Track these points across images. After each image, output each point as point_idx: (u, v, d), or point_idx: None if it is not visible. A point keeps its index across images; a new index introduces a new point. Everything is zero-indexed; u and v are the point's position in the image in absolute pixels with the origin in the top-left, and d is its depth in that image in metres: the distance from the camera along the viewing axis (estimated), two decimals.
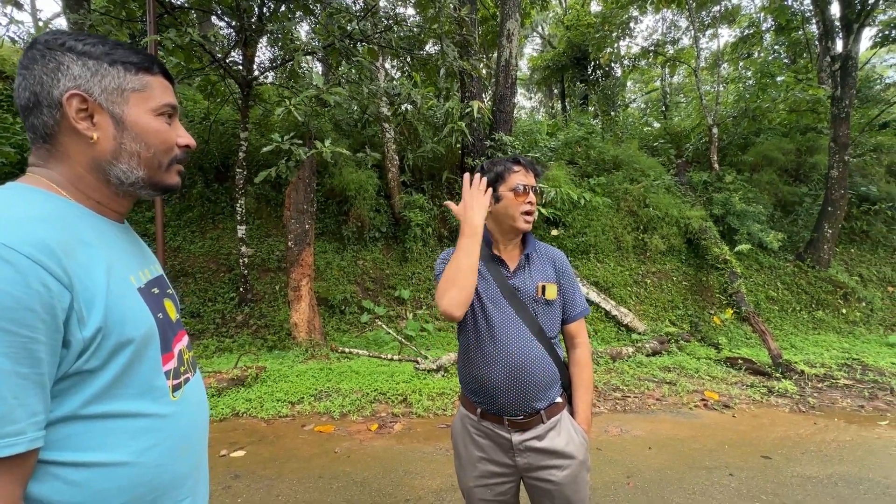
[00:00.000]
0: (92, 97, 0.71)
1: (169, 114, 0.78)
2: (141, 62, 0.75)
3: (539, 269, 1.45)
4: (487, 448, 1.41)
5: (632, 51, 13.96)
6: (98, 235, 0.71)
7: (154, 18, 4.39)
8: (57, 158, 0.72)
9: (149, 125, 0.75)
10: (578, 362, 1.46)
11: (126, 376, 0.68)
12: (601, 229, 7.22)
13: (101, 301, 0.65)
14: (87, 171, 0.73)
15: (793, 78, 9.45)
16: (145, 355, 0.71)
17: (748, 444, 3.31)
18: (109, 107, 0.72)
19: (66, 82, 0.69)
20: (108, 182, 0.75)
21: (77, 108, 0.70)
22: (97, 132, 0.71)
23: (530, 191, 1.41)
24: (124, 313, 0.68)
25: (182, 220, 6.60)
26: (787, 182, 8.72)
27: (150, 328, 0.73)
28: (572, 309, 1.48)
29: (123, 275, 0.72)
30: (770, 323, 6.64)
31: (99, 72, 0.71)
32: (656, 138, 10.48)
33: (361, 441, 3.27)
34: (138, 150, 0.75)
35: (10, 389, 0.55)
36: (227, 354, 5.10)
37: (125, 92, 0.73)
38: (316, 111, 5.29)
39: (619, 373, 4.77)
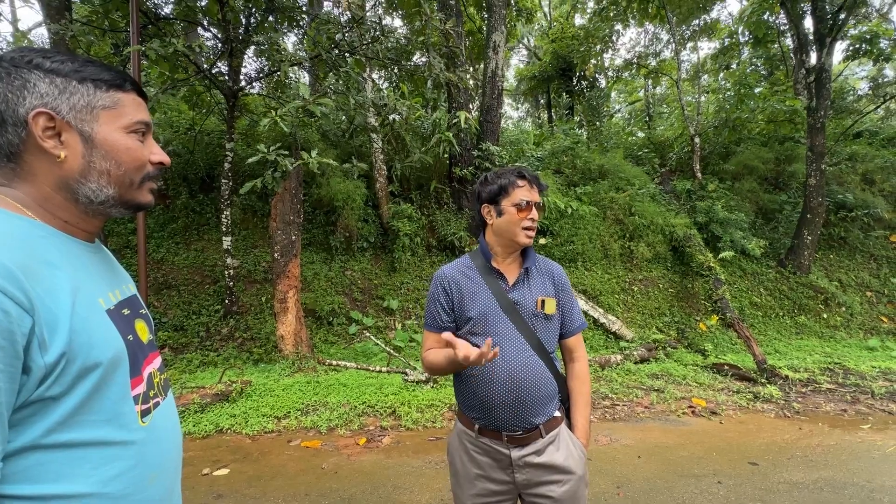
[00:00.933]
0: (59, 115, 0.69)
1: (142, 131, 0.77)
2: (112, 79, 0.74)
3: (538, 284, 1.44)
4: (486, 465, 1.39)
5: (615, 62, 14.27)
6: (64, 256, 0.69)
7: (137, 28, 4.35)
8: (22, 178, 0.70)
9: (119, 143, 0.74)
10: (577, 376, 1.46)
11: (91, 402, 0.66)
12: (588, 237, 7.29)
13: (66, 325, 0.62)
14: (55, 190, 0.71)
15: (770, 89, 9.74)
16: (112, 380, 0.69)
17: (735, 450, 3.34)
18: (78, 125, 0.70)
19: (33, 100, 0.68)
20: (76, 201, 0.73)
21: (44, 127, 0.68)
22: (64, 150, 0.70)
23: (533, 206, 1.40)
24: (91, 337, 0.66)
25: (166, 231, 6.49)
26: (768, 190, 8.93)
27: (118, 352, 0.70)
28: (571, 323, 1.48)
29: (91, 297, 0.70)
30: (754, 328, 6.74)
31: (67, 89, 0.70)
32: (640, 148, 10.67)
33: (349, 456, 3.21)
34: (108, 168, 0.73)
35: None
36: (212, 368, 4.99)
37: (95, 110, 0.72)
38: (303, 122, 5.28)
39: (608, 381, 4.79)
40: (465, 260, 1.50)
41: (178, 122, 7.41)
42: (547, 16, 16.11)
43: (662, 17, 10.60)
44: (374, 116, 6.44)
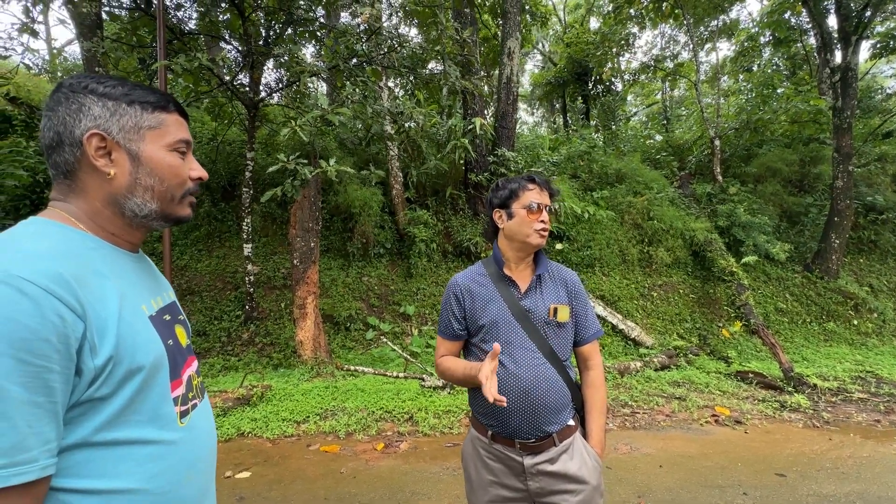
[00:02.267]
0: (110, 135, 0.74)
1: (183, 149, 0.82)
2: (157, 101, 0.79)
3: (551, 291, 1.44)
4: (499, 472, 1.39)
5: (632, 66, 14.14)
6: (111, 267, 0.74)
7: (164, 44, 4.52)
8: (76, 193, 0.76)
9: (163, 160, 0.79)
10: (592, 384, 1.45)
11: (135, 403, 0.69)
12: (605, 242, 7.21)
13: (113, 330, 0.67)
14: (104, 205, 0.77)
15: (793, 90, 9.51)
16: (154, 382, 0.73)
17: (761, 461, 3.24)
18: (126, 144, 0.76)
19: (87, 122, 0.73)
20: (122, 215, 0.78)
21: (96, 147, 0.74)
22: (114, 168, 0.75)
23: (544, 209, 1.40)
24: (135, 341, 0.70)
25: (189, 238, 6.67)
26: (792, 193, 8.69)
27: (159, 355, 0.74)
28: (585, 331, 1.46)
29: (135, 304, 0.74)
30: (780, 335, 6.54)
31: (117, 111, 0.75)
32: (658, 151, 10.52)
33: (367, 461, 3.23)
34: (152, 185, 0.78)
35: (23, 418, 0.56)
36: (233, 373, 5.09)
37: (141, 130, 0.77)
38: (321, 131, 5.39)
39: (628, 388, 4.71)
40: (478, 268, 1.51)
41: (201, 132, 7.64)
42: (562, 20, 16.10)
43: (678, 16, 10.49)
44: (391, 124, 6.53)
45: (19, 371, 0.56)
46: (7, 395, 0.55)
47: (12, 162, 5.15)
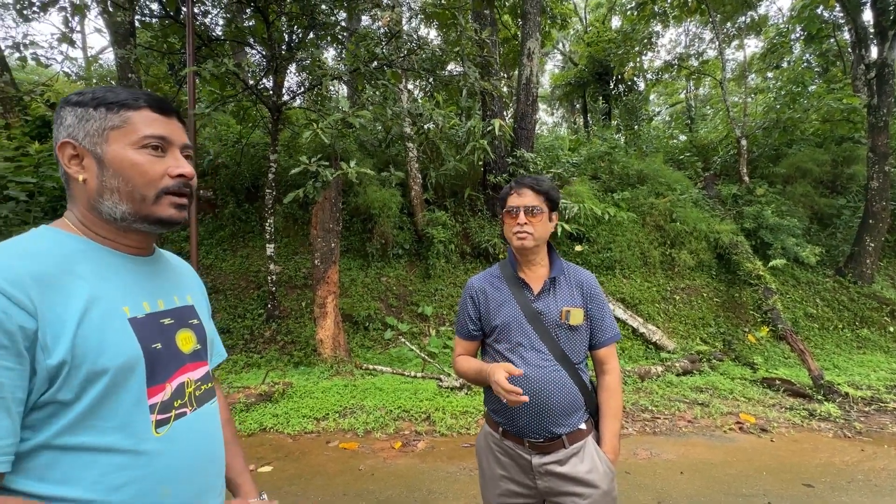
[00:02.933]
0: (78, 142, 0.75)
1: (154, 145, 0.77)
2: (123, 100, 0.76)
3: (565, 294, 1.43)
4: (509, 467, 1.42)
5: (655, 64, 13.88)
6: (94, 268, 0.73)
7: (193, 50, 4.68)
8: (71, 201, 0.79)
9: (126, 159, 0.75)
10: (607, 389, 1.43)
11: (101, 408, 0.67)
12: (626, 244, 7.10)
13: (71, 331, 0.65)
14: (87, 210, 0.77)
15: (825, 87, 9.17)
16: (124, 387, 0.70)
17: (788, 470, 3.15)
18: (92, 148, 0.75)
19: (62, 132, 0.75)
20: (102, 218, 0.77)
21: (69, 155, 0.75)
22: (84, 174, 0.75)
23: (520, 211, 1.41)
24: (101, 343, 0.68)
25: (214, 238, 6.88)
26: (824, 194, 8.38)
27: (130, 358, 0.71)
28: (601, 334, 1.45)
29: (113, 305, 0.72)
30: (810, 342, 6.32)
31: (84, 117, 0.75)
32: (682, 151, 10.29)
33: (385, 459, 3.28)
34: (117, 186, 0.75)
35: None
36: (255, 370, 5.22)
37: (105, 131, 0.75)
38: (342, 133, 5.48)
39: (648, 393, 4.63)
40: (494, 269, 1.55)
41: (226, 135, 7.86)
42: (583, 20, 15.92)
43: (703, 13, 10.25)
44: (410, 126, 6.59)
45: None
46: None
47: (51, 165, 5.41)
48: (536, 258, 1.47)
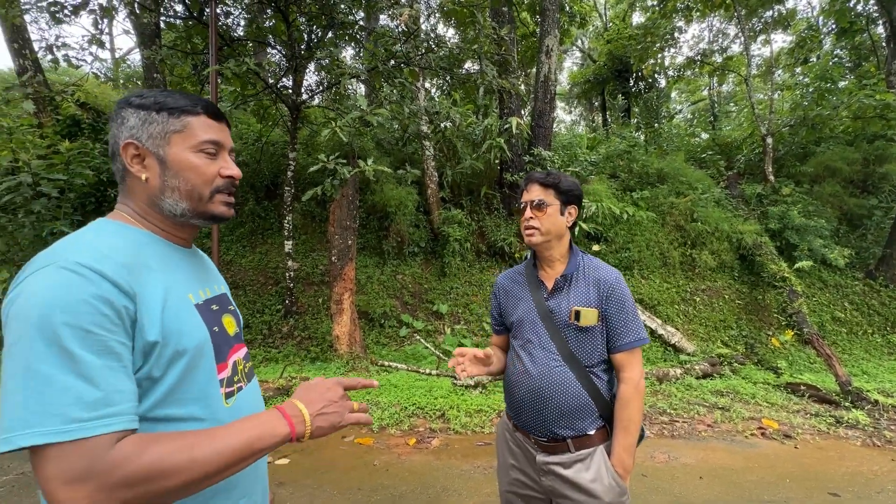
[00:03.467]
0: (141, 143, 0.81)
1: (210, 150, 0.85)
2: (184, 106, 0.84)
3: (579, 292, 1.38)
4: (519, 458, 1.45)
5: (676, 61, 13.58)
6: (159, 260, 0.81)
7: (215, 50, 4.78)
8: (127, 196, 0.85)
9: (186, 162, 0.83)
10: (619, 399, 1.34)
11: (184, 383, 0.76)
12: (645, 244, 6.98)
13: (158, 315, 0.73)
14: (148, 205, 0.85)
15: (857, 83, 8.82)
16: (199, 365, 0.79)
17: (813, 478, 3.05)
18: (154, 149, 0.82)
19: (125, 133, 0.82)
20: (163, 214, 0.85)
21: (132, 155, 0.82)
22: (146, 173, 0.83)
23: (527, 206, 1.41)
24: (180, 327, 0.76)
25: (234, 235, 7.02)
26: (854, 194, 8.08)
27: (202, 340, 0.80)
28: (617, 338, 1.35)
29: (181, 293, 0.81)
30: (837, 346, 6.11)
31: (147, 120, 0.82)
32: (704, 150, 10.05)
33: (399, 455, 3.30)
34: (178, 185, 0.83)
35: (103, 378, 0.64)
36: (273, 364, 5.31)
37: (167, 134, 0.82)
38: (359, 131, 5.52)
39: (667, 395, 4.55)
40: (520, 267, 1.56)
41: (247, 134, 8.00)
42: (602, 16, 15.68)
43: (728, 7, 9.97)
44: (427, 124, 6.60)
45: (90, 340, 0.64)
46: (84, 361, 0.62)
47: (80, 162, 5.59)
48: (554, 255, 1.44)
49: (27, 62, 6.51)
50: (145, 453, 0.63)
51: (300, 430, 0.78)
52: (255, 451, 0.72)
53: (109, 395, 0.64)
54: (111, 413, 0.63)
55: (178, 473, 0.64)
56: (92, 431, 0.61)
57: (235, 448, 0.69)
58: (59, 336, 0.62)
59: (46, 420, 0.59)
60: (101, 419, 0.62)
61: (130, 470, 0.62)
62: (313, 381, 0.88)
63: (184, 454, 0.65)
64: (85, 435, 0.60)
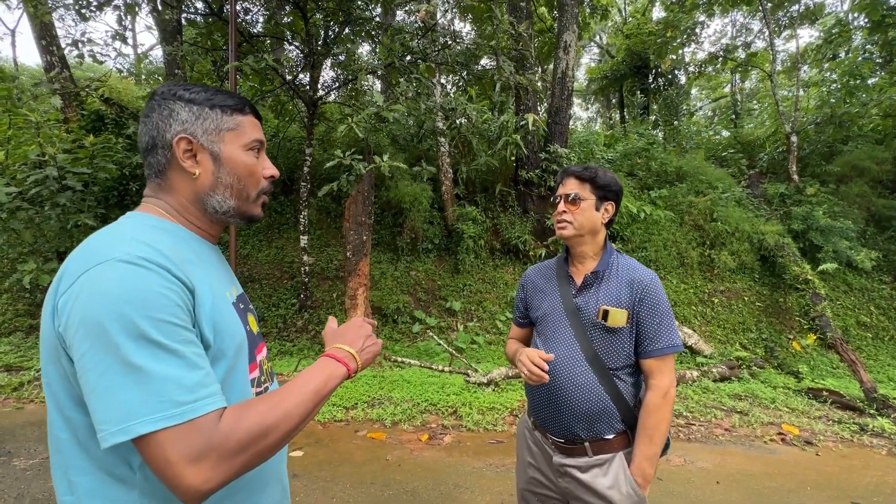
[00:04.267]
0: (195, 139, 0.80)
1: (257, 148, 0.87)
2: (235, 104, 0.84)
3: (611, 291, 1.33)
4: (537, 457, 1.44)
5: (697, 56, 13.27)
6: (198, 256, 0.81)
7: (235, 47, 4.83)
8: (166, 191, 0.83)
9: (240, 160, 0.84)
10: (645, 407, 1.28)
11: (225, 383, 0.76)
12: (662, 244, 6.86)
13: (209, 313, 0.74)
14: (190, 201, 0.84)
15: (888, 79, 8.51)
16: (238, 365, 0.79)
17: (835, 486, 2.97)
18: (209, 146, 0.82)
19: (176, 126, 0.80)
20: (205, 211, 0.85)
21: (184, 149, 0.80)
22: (199, 168, 0.82)
23: (560, 200, 1.40)
24: (224, 325, 0.76)
25: (251, 229, 7.11)
26: (883, 194, 7.80)
27: (242, 339, 0.80)
28: (649, 343, 1.29)
29: (221, 291, 0.81)
30: (862, 352, 5.93)
31: (201, 115, 0.81)
32: (725, 148, 9.82)
33: (412, 451, 3.31)
34: (231, 183, 0.84)
35: (195, 364, 0.66)
36: (288, 357, 5.38)
37: (221, 132, 0.82)
38: (375, 128, 5.53)
39: (683, 398, 4.47)
40: (550, 262, 1.53)
41: (264, 129, 8.07)
42: (622, 11, 15.41)
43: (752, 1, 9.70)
44: (442, 121, 6.58)
45: (171, 330, 0.65)
46: (173, 349, 0.64)
47: (104, 157, 5.73)
48: (586, 251, 1.39)
49: (54, 59, 6.69)
50: (246, 419, 0.66)
51: (354, 367, 0.85)
52: (326, 393, 0.77)
53: (204, 378, 0.66)
54: (210, 393, 0.66)
55: (277, 428, 0.68)
56: (201, 411, 0.63)
57: (311, 394, 0.74)
58: (142, 329, 0.62)
59: (158, 407, 0.61)
60: (204, 399, 0.64)
61: (241, 436, 0.65)
62: (342, 327, 0.95)
63: (278, 410, 0.69)
64: (196, 415, 0.63)
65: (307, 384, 0.75)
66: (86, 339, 0.62)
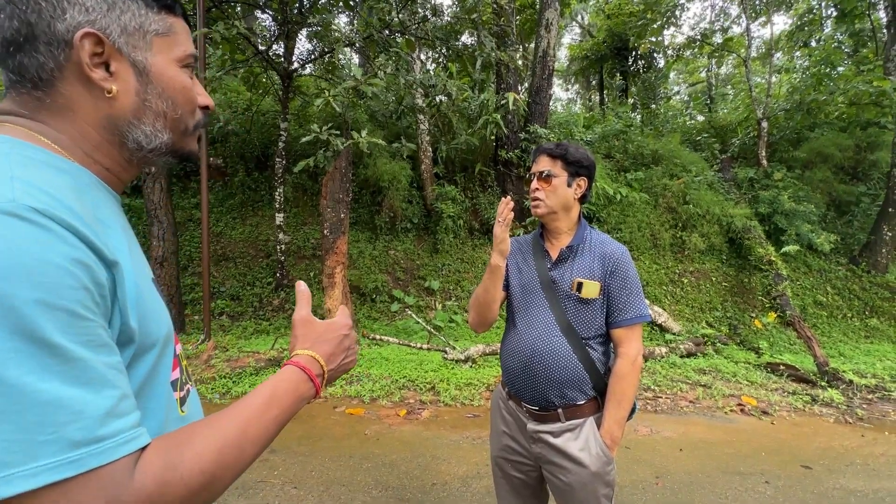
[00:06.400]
0: (109, 38, 0.54)
1: (192, 66, 0.64)
2: (162, 0, 0.59)
3: (584, 264, 1.38)
4: (510, 425, 1.48)
5: (676, 40, 13.37)
6: (109, 212, 0.56)
7: (203, 12, 4.58)
8: (53, 111, 0.55)
9: (176, 79, 0.60)
10: (614, 374, 1.35)
11: (147, 387, 0.55)
12: (637, 226, 7.03)
13: (133, 292, 0.51)
14: (97, 129, 0.57)
15: (854, 69, 8.80)
16: (163, 360, 0.58)
17: (787, 452, 3.19)
18: (130, 52, 0.56)
19: (77, 15, 0.52)
20: (121, 145, 0.59)
21: (91, 52, 0.53)
22: (115, 84, 0.55)
23: (534, 177, 1.42)
24: (150, 309, 0.55)
25: (224, 206, 6.91)
26: (843, 180, 8.17)
27: (169, 329, 0.59)
28: (618, 313, 1.35)
29: (141, 263, 0.58)
30: (817, 329, 6.30)
31: (116, 5, 0.55)
32: (700, 132, 10.03)
33: (390, 425, 3.36)
34: (165, 110, 0.59)
35: (105, 380, 0.44)
36: (264, 336, 5.33)
37: (148, 35, 0.57)
38: (353, 103, 5.39)
39: (651, 373, 4.67)
40: (527, 236, 1.57)
41: (236, 102, 7.77)
42: None
43: None
44: (422, 97, 6.46)
45: (76, 326, 0.43)
46: (75, 356, 0.42)
47: None
48: (560, 227, 1.43)
49: None
50: (181, 465, 0.46)
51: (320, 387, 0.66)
52: (287, 419, 0.59)
53: (117, 405, 0.44)
54: (125, 427, 0.45)
55: (225, 475, 0.50)
56: (110, 456, 0.43)
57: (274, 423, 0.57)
58: (32, 322, 0.40)
59: (39, 451, 0.39)
60: (116, 437, 0.43)
61: (173, 493, 0.45)
62: (321, 326, 0.72)
63: (229, 449, 0.50)
64: (101, 462, 0.42)
65: (270, 409, 0.56)
66: None
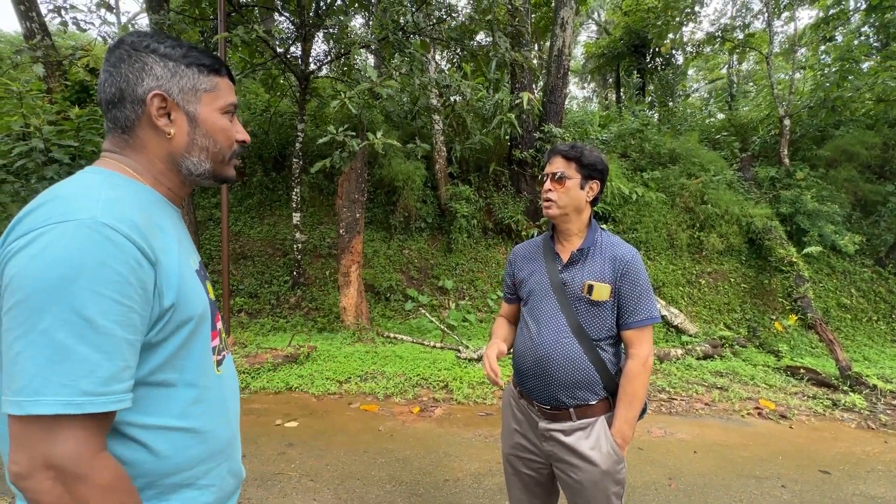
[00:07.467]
0: (171, 96, 0.77)
1: (232, 112, 0.86)
2: (212, 64, 0.82)
3: (595, 267, 1.39)
4: (522, 423, 1.51)
5: (696, 36, 13.11)
6: (167, 220, 0.79)
7: (224, 17, 4.69)
8: (134, 148, 0.79)
9: (217, 123, 0.83)
10: (625, 374, 1.37)
11: (184, 349, 0.75)
12: (653, 226, 6.95)
13: (175, 280, 0.72)
14: (161, 161, 0.81)
15: (882, 63, 8.51)
16: (200, 331, 0.78)
17: (805, 456, 3.14)
18: (185, 105, 0.79)
19: (150, 82, 0.76)
20: (178, 172, 0.83)
21: (158, 107, 0.77)
22: (173, 128, 0.79)
23: (547, 178, 1.42)
24: (189, 292, 0.75)
25: (243, 206, 7.06)
26: (870, 179, 7.93)
27: (205, 307, 0.80)
28: (628, 315, 1.37)
29: (186, 257, 0.79)
30: (840, 332, 6.14)
31: (177, 73, 0.78)
32: (719, 130, 9.84)
33: (404, 422, 3.41)
34: (207, 146, 0.82)
35: (121, 354, 0.63)
36: (281, 333, 5.44)
37: (198, 92, 0.80)
38: (368, 104, 5.46)
39: (666, 374, 4.63)
40: (538, 239, 1.58)
41: (255, 104, 7.94)
42: None
43: None
44: (437, 98, 6.50)
45: (116, 310, 0.62)
46: (104, 331, 0.61)
47: (90, 129, 5.60)
48: (571, 228, 1.44)
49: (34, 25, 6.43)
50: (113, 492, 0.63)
51: None
52: None
53: (119, 373, 0.63)
54: (119, 390, 0.63)
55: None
56: (99, 408, 0.60)
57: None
58: (81, 302, 0.59)
59: (59, 390, 0.58)
60: (109, 395, 0.62)
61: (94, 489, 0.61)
62: None
63: None
64: (95, 410, 0.60)
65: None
66: (16, 294, 0.60)
